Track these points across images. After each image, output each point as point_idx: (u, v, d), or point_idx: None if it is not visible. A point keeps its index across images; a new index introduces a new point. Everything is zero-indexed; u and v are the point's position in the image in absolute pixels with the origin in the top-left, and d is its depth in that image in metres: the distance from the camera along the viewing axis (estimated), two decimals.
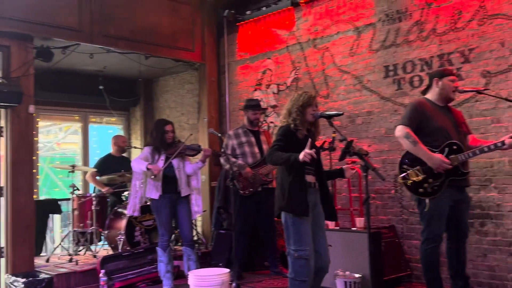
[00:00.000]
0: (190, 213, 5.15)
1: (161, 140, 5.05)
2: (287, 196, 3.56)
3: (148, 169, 4.84)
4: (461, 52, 4.89)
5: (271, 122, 6.68)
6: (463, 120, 4.18)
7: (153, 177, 4.85)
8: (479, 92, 4.27)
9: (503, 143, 3.84)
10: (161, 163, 4.98)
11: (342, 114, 3.77)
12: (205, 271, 4.37)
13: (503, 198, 4.59)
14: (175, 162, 5.05)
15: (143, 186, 5.06)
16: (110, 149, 7.09)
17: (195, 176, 5.22)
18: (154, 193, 5.00)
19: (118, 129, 8.96)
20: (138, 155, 5.16)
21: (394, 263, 4.98)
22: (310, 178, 3.66)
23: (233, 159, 5.55)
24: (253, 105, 5.73)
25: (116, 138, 7.17)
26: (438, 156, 3.89)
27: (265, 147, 5.64)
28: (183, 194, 5.07)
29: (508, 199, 4.55)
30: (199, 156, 5.24)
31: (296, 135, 3.66)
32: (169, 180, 5.03)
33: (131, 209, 5.12)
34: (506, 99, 4.20)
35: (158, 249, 5.06)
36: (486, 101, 4.72)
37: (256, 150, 5.61)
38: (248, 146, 5.62)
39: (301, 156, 3.38)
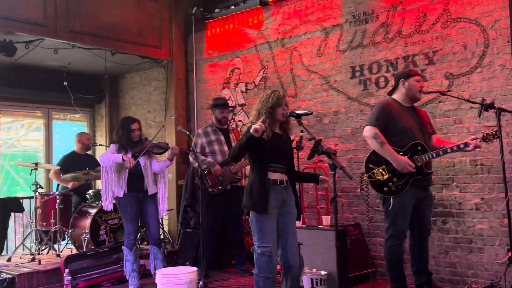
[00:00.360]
0: (157, 212, 5.15)
1: (127, 138, 5.03)
2: (249, 194, 3.66)
3: (123, 160, 4.82)
4: (425, 54, 5.05)
5: (240, 121, 6.73)
6: (428, 120, 4.33)
7: (127, 168, 4.89)
8: (442, 93, 4.42)
9: (466, 144, 4.00)
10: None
11: (311, 113, 3.84)
12: (172, 270, 4.39)
13: (464, 196, 4.77)
14: (141, 160, 5.05)
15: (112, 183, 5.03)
16: (74, 146, 7.00)
17: (161, 174, 5.23)
18: (119, 191, 4.97)
19: (82, 126, 8.85)
20: (105, 152, 5.13)
21: (359, 260, 5.10)
22: (277, 176, 3.69)
23: (202, 157, 5.58)
24: (220, 104, 5.77)
25: (81, 135, 7.09)
26: (404, 158, 4.02)
27: (234, 145, 5.67)
28: (150, 192, 5.07)
29: (469, 197, 4.74)
30: (167, 154, 5.25)
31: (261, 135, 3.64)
32: (135, 178, 5.02)
33: (107, 206, 5.08)
34: (469, 101, 4.36)
35: (124, 248, 5.04)
36: (449, 102, 4.89)
37: (226, 148, 5.65)
38: (217, 144, 5.66)
39: (252, 130, 3.43)
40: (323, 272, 4.69)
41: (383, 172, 4.10)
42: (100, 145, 7.55)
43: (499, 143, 4.17)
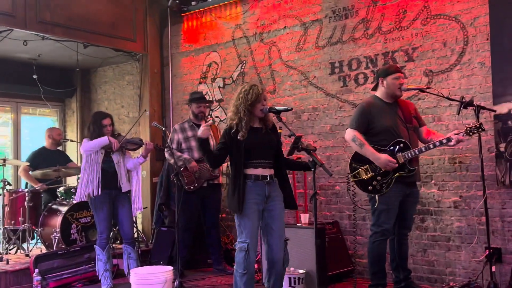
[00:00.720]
0: (130, 210, 5.05)
1: (98, 134, 4.92)
2: (227, 193, 3.74)
3: (110, 142, 4.78)
4: (405, 50, 5.06)
5: (217, 117, 6.65)
6: (414, 113, 4.34)
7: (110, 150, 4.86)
8: (422, 90, 4.45)
9: (449, 139, 4.02)
10: (101, 157, 4.87)
11: (291, 109, 3.80)
12: (147, 269, 4.31)
13: (443, 194, 4.80)
14: (115, 156, 4.95)
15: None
16: (44, 142, 6.83)
17: (135, 171, 5.12)
18: (92, 189, 4.85)
19: (52, 121, 8.65)
20: (84, 142, 5.00)
21: (337, 258, 5.10)
22: (259, 171, 3.68)
23: (178, 153, 5.49)
24: (197, 98, 5.68)
25: (51, 130, 6.93)
26: (384, 156, 4.05)
27: (212, 141, 5.59)
28: (124, 189, 4.97)
29: (447, 195, 4.77)
30: (141, 150, 5.14)
31: (236, 135, 3.65)
32: (108, 175, 4.91)
33: (80, 195, 4.94)
34: (448, 98, 4.38)
35: (97, 247, 4.94)
36: (428, 100, 4.91)
37: None
38: (194, 140, 5.56)
39: (199, 132, 3.63)
40: (301, 271, 4.66)
41: (367, 171, 4.14)
42: (71, 140, 7.40)
43: (477, 140, 4.22)
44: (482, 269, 4.35)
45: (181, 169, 5.41)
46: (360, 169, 4.17)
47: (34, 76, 7.46)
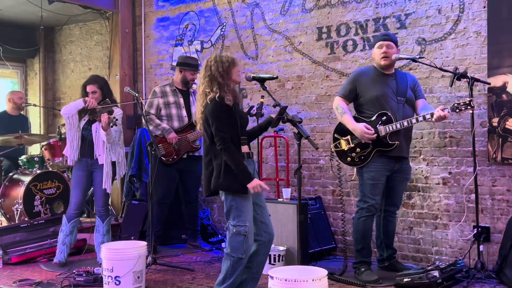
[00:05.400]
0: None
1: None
2: (224, 174, 3.56)
3: (85, 102, 4.84)
4: (397, 17, 5.11)
5: (195, 83, 6.63)
6: (412, 85, 4.45)
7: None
8: (414, 60, 4.52)
9: (432, 115, 4.14)
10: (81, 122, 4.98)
11: (276, 78, 3.85)
12: (119, 244, 4.36)
13: (431, 170, 4.93)
14: (94, 125, 4.97)
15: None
16: (5, 106, 6.77)
17: (111, 147, 5.03)
18: (70, 153, 4.94)
19: (12, 83, 8.54)
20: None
21: (319, 235, 5.22)
22: (246, 149, 3.70)
23: (157, 121, 5.48)
24: (193, 65, 5.64)
25: (11, 94, 6.89)
26: (360, 126, 4.18)
27: (194, 109, 5.60)
28: (100, 161, 4.99)
29: (436, 171, 4.90)
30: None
31: (229, 105, 3.58)
32: (86, 143, 4.95)
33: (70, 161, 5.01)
34: (441, 69, 4.48)
35: (64, 217, 5.04)
36: (419, 70, 4.99)
37: (184, 113, 5.58)
38: (175, 107, 5.57)
39: (251, 187, 3.54)
40: (281, 248, 4.78)
41: (347, 142, 4.29)
42: (34, 105, 7.32)
43: (470, 114, 4.34)
44: (469, 248, 4.52)
45: (157, 139, 5.41)
46: (341, 140, 4.32)
47: None
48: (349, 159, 4.35)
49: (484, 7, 4.63)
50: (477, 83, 4.45)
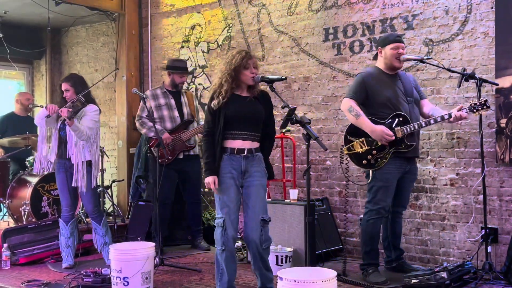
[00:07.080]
0: (90, 182, 4.93)
1: (60, 101, 4.97)
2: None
3: (46, 109, 4.72)
4: (404, 17, 5.11)
5: (200, 84, 6.66)
6: (415, 84, 4.46)
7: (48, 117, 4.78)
8: (422, 61, 4.52)
9: (450, 115, 4.13)
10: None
11: (285, 79, 3.86)
12: (128, 245, 4.37)
13: (439, 171, 4.92)
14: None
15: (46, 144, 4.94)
16: (12, 107, 6.80)
17: (88, 142, 4.92)
18: (50, 155, 4.94)
19: (19, 84, 8.58)
20: None
21: (326, 236, 5.22)
22: (238, 144, 3.70)
23: (150, 123, 5.50)
24: (180, 68, 5.69)
25: (19, 95, 6.92)
26: (380, 128, 4.14)
27: (185, 110, 5.67)
28: (73, 160, 4.86)
29: (444, 172, 4.90)
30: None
31: (217, 107, 3.67)
32: (63, 144, 4.91)
33: (36, 168, 5.03)
34: (449, 70, 4.47)
35: (60, 221, 5.03)
36: (427, 71, 4.99)
37: (176, 113, 5.66)
38: (167, 109, 5.64)
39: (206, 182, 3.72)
40: (288, 249, 4.78)
41: (362, 145, 4.24)
42: (41, 106, 7.30)
43: (478, 115, 4.33)
44: (477, 249, 4.51)
45: (151, 142, 5.49)
46: (355, 142, 4.26)
47: (0, 35, 7.36)
48: (365, 161, 4.26)
49: (492, 7, 4.63)
50: (485, 84, 4.44)
